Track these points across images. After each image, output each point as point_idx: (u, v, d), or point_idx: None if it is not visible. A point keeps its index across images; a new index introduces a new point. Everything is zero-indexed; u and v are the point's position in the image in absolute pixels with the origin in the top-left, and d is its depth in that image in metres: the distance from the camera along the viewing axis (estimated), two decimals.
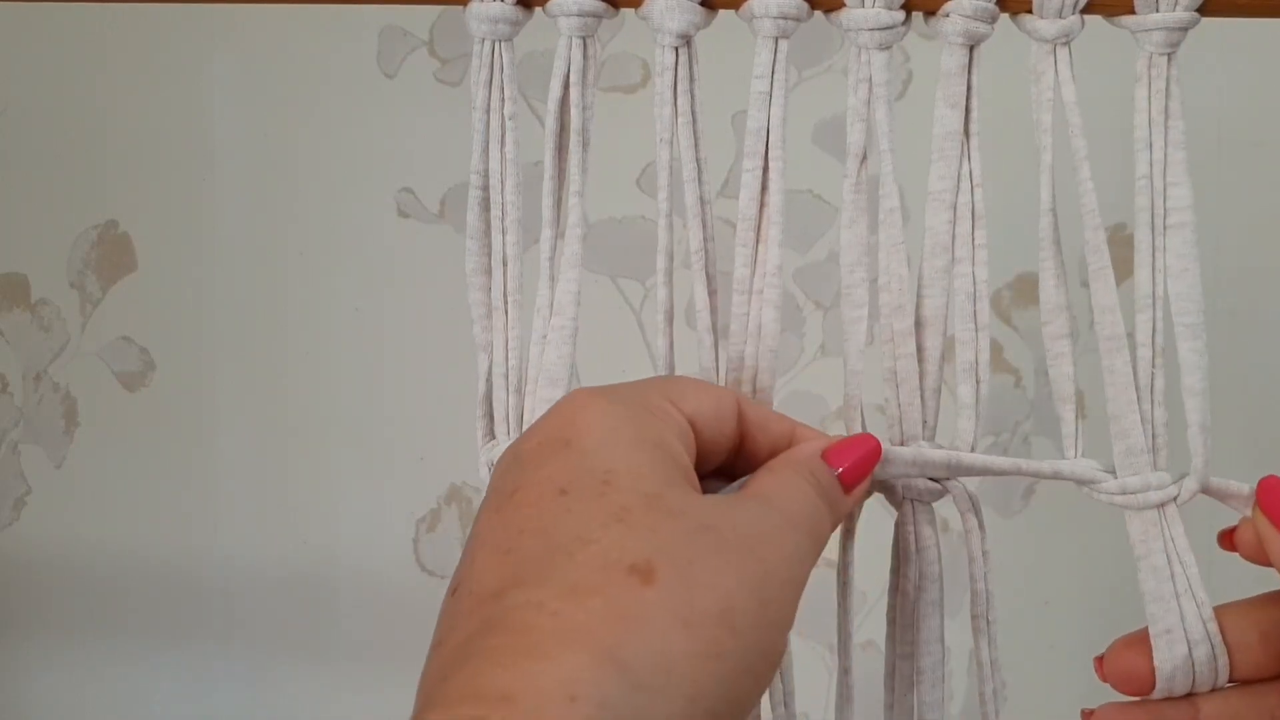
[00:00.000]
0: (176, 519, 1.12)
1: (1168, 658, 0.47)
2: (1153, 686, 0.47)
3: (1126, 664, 0.48)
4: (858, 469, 0.45)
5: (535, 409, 0.51)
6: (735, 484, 0.45)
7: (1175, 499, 0.48)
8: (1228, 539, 0.49)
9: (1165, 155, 0.47)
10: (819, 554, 0.42)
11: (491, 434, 0.54)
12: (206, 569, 1.12)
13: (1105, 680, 0.49)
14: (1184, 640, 0.47)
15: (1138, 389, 0.47)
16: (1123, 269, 0.47)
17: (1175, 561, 0.48)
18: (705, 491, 0.42)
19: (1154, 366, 0.47)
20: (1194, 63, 0.96)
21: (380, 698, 1.10)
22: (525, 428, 0.51)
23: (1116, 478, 0.48)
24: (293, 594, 1.11)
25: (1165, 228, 0.47)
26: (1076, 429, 0.49)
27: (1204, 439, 0.47)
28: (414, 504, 1.09)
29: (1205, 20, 0.47)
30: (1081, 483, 0.49)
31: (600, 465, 0.39)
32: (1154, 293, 0.47)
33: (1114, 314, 0.47)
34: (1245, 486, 0.48)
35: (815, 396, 1.02)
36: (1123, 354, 0.47)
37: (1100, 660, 0.49)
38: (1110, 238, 0.48)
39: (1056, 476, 0.49)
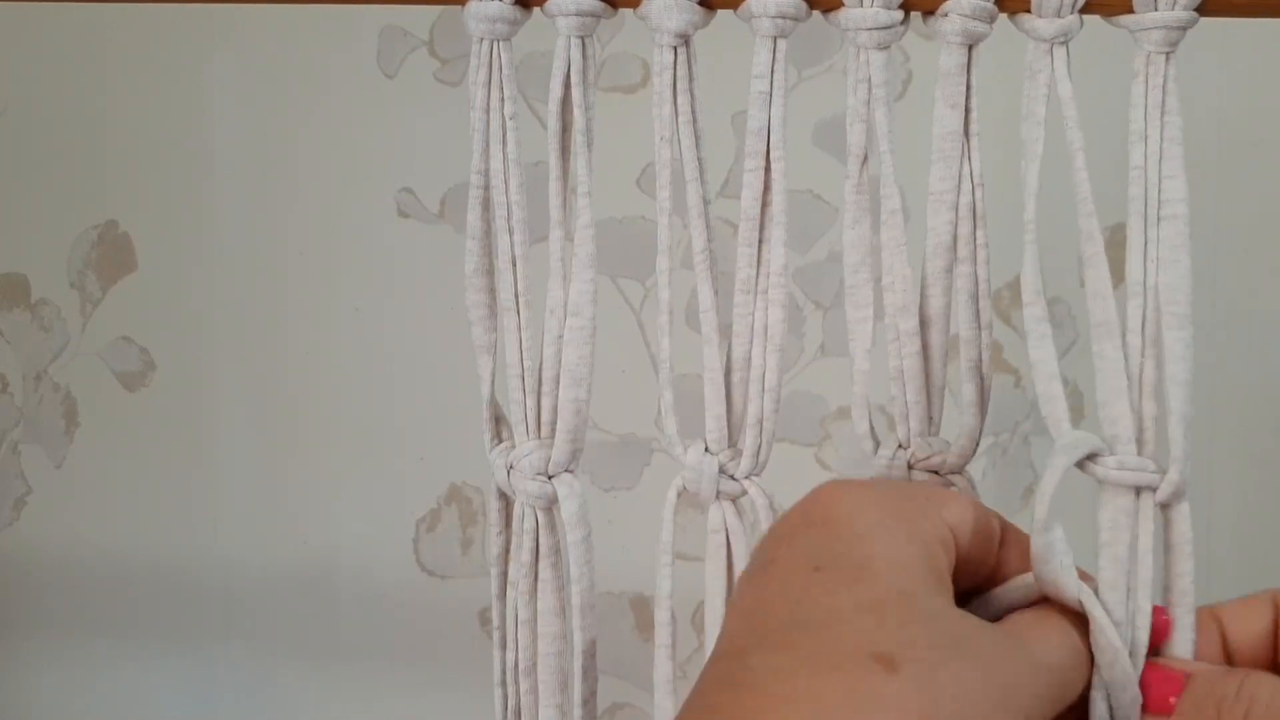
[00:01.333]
0: (176, 519, 1.12)
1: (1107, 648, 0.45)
2: None
3: None
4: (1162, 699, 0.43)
5: (559, 410, 0.51)
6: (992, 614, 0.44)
7: (1155, 488, 0.45)
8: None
9: (1161, 148, 0.47)
10: (1068, 699, 0.41)
11: (499, 437, 0.54)
12: (206, 569, 1.12)
13: None
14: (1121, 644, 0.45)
15: (1128, 376, 0.46)
16: (1122, 268, 0.47)
17: (1135, 559, 0.45)
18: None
19: (1143, 356, 0.47)
20: (1194, 63, 0.96)
21: (380, 697, 1.10)
22: (549, 430, 0.51)
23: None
24: (293, 594, 1.11)
25: (1159, 219, 0.47)
26: (1066, 408, 0.48)
27: (1184, 430, 0.45)
28: (414, 504, 1.09)
29: (1205, 20, 0.47)
30: (1088, 455, 0.46)
31: (859, 551, 0.39)
32: (1145, 281, 0.46)
33: (1106, 299, 0.46)
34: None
35: (815, 396, 1.02)
36: (1113, 339, 0.46)
37: None
38: (1111, 238, 0.48)
39: (1071, 452, 0.47)
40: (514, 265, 0.51)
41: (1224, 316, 0.99)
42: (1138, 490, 0.45)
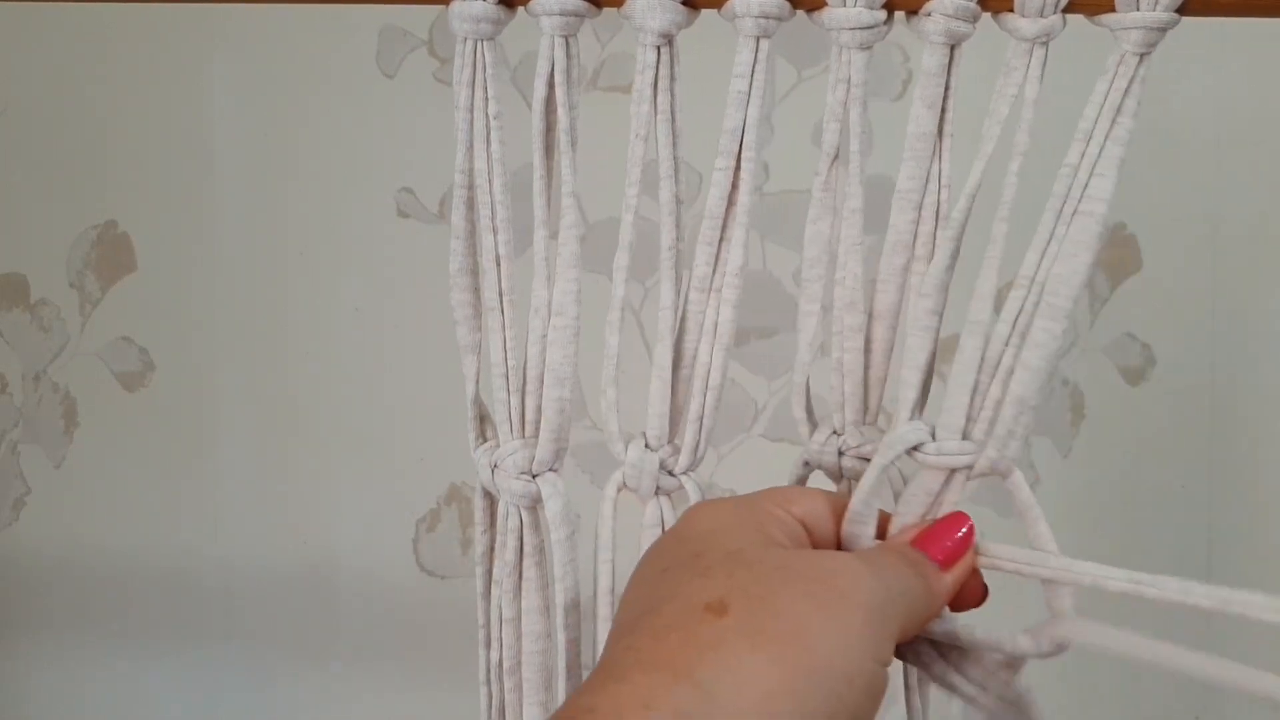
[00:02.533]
0: (176, 519, 1.12)
1: None
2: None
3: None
4: (951, 554, 0.47)
5: (542, 409, 0.51)
6: None
7: (970, 466, 0.48)
8: None
9: (1101, 149, 0.47)
10: (914, 619, 0.44)
11: (484, 436, 0.54)
12: (206, 569, 1.12)
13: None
14: None
15: (981, 364, 0.48)
16: (1123, 268, 0.47)
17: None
18: None
19: (1006, 344, 0.48)
20: (1194, 63, 0.96)
21: (380, 697, 1.10)
22: (532, 429, 0.51)
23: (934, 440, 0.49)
24: (293, 594, 1.11)
25: (1073, 214, 0.47)
26: (920, 397, 0.49)
27: (1017, 412, 0.47)
28: (414, 504, 1.10)
29: (1205, 20, 0.47)
30: (910, 448, 0.49)
31: (697, 545, 0.44)
32: (1034, 275, 0.47)
33: (986, 301, 0.48)
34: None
35: (814, 396, 1.02)
36: (976, 339, 0.48)
37: None
38: (1111, 237, 0.48)
39: (895, 447, 0.49)
40: (498, 264, 0.51)
41: (1224, 316, 0.99)
42: (951, 471, 0.48)
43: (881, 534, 0.49)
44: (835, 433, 0.52)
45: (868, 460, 0.51)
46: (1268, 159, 0.98)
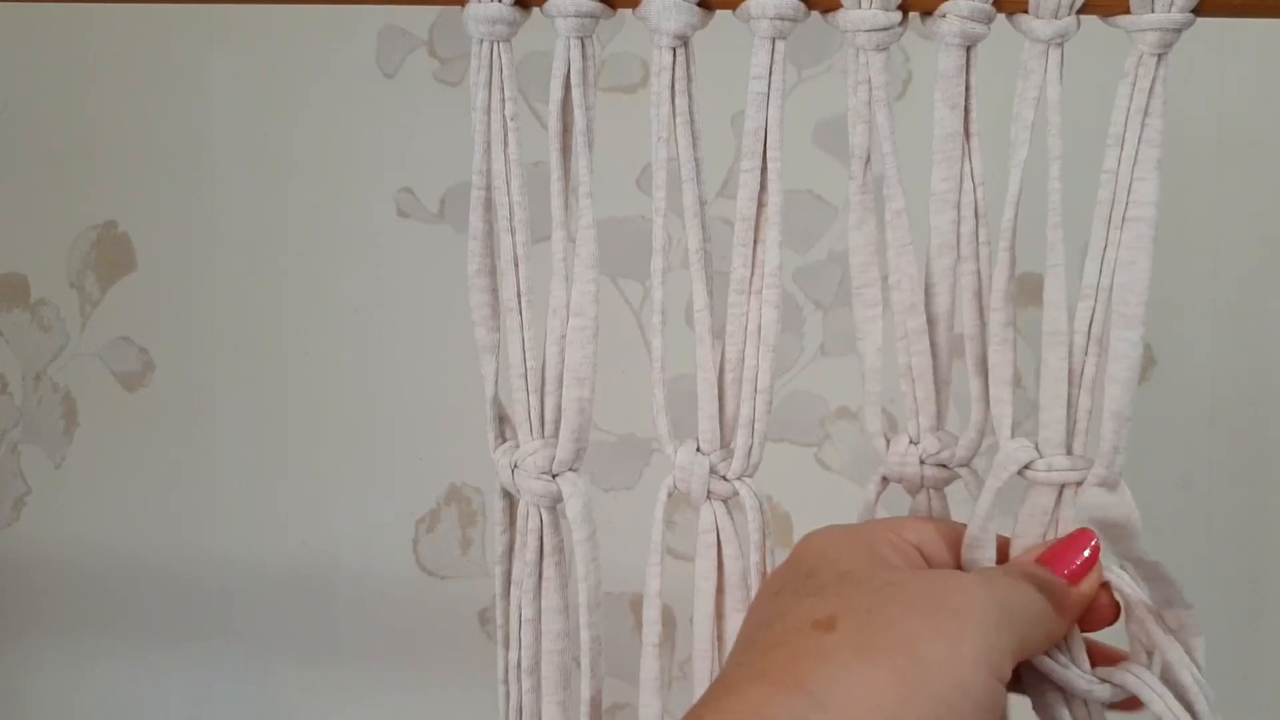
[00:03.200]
0: (176, 519, 1.12)
1: None
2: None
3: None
4: (1081, 570, 0.47)
5: (562, 409, 0.51)
6: None
7: (1080, 482, 0.49)
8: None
9: (1137, 152, 0.47)
10: (1036, 637, 0.44)
11: (503, 437, 0.54)
12: (206, 569, 1.12)
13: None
14: None
15: (1069, 376, 0.48)
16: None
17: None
18: None
19: (1086, 354, 0.48)
20: (1194, 63, 0.96)
21: (380, 697, 1.10)
22: (552, 429, 0.51)
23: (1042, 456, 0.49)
24: (292, 594, 1.11)
25: (1123, 220, 0.48)
26: (1013, 413, 0.50)
27: (1117, 426, 0.48)
28: (414, 504, 1.10)
29: (1205, 20, 0.47)
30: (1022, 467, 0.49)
31: (809, 567, 0.45)
32: (1098, 283, 0.48)
33: (1059, 310, 0.48)
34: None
35: (815, 396, 1.03)
36: (1059, 349, 0.48)
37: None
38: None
39: (1008, 467, 0.49)
40: (516, 266, 0.51)
41: (1224, 316, 0.99)
42: (1061, 487, 0.49)
43: (1003, 558, 0.49)
44: (912, 442, 0.51)
45: (946, 467, 0.51)
46: (1268, 159, 0.98)
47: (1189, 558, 1.02)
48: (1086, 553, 0.47)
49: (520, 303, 0.51)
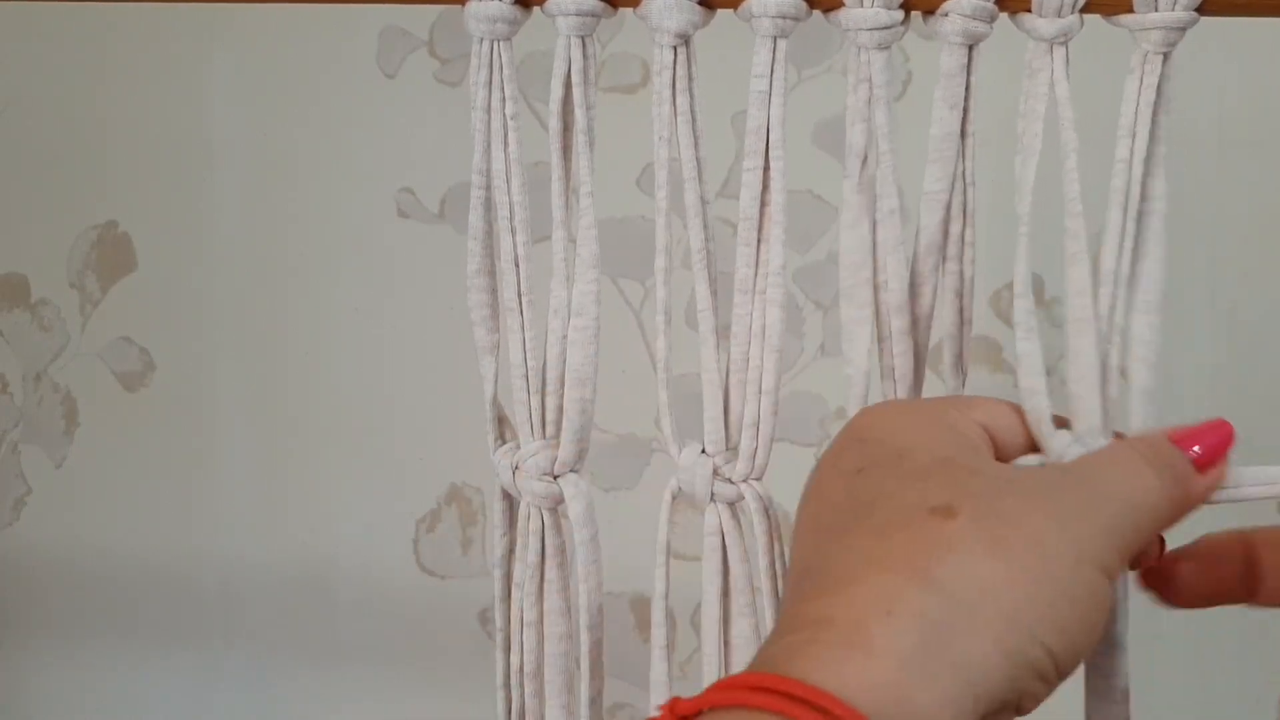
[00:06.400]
0: (176, 519, 1.12)
1: None
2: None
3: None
4: (1212, 452, 0.45)
5: (564, 410, 0.51)
6: None
7: None
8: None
9: (1148, 147, 0.47)
10: (1151, 530, 0.42)
11: (503, 438, 0.54)
12: (206, 569, 1.12)
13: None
14: None
15: (1103, 369, 0.48)
16: None
17: None
18: None
19: (1109, 343, 0.48)
20: (1194, 63, 0.96)
21: (380, 697, 1.10)
22: (553, 430, 0.51)
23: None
24: (293, 594, 1.11)
25: (1139, 213, 0.48)
26: (1048, 403, 0.49)
27: (1143, 401, 0.48)
28: (414, 504, 1.09)
29: (1206, 20, 0.47)
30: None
31: (895, 446, 0.42)
32: (1117, 270, 0.48)
33: (1085, 297, 0.48)
34: None
35: (815, 396, 1.02)
36: (1088, 336, 0.48)
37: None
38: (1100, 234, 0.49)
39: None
40: (516, 265, 0.51)
41: (1223, 315, 0.99)
42: None
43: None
44: None
45: None
46: (1268, 159, 0.98)
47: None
48: (1222, 439, 0.45)
49: (521, 303, 0.51)
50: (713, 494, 0.51)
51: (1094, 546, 0.39)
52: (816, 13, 0.49)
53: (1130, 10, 0.47)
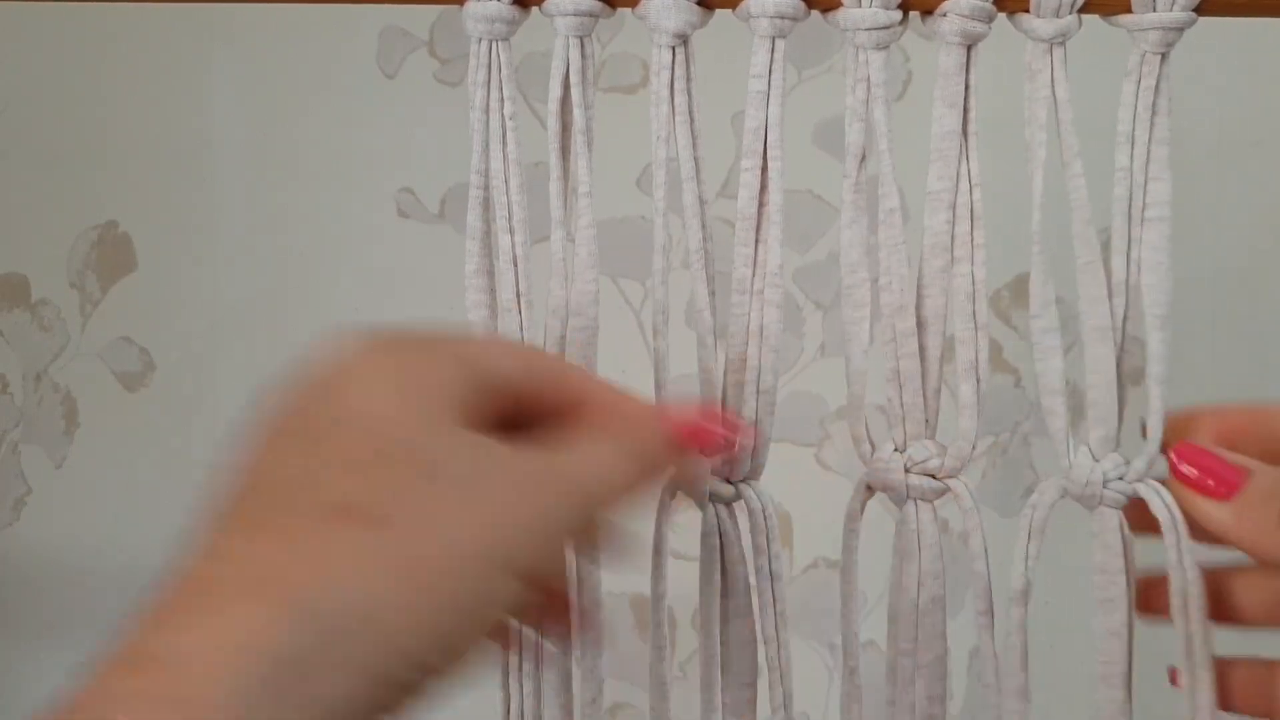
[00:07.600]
0: (176, 519, 1.11)
1: None
2: None
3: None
4: (698, 435, 0.44)
5: None
6: None
7: (1121, 478, 0.49)
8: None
9: (1148, 150, 0.47)
10: (594, 504, 0.40)
11: None
12: None
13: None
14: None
15: (1119, 377, 0.48)
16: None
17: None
18: None
19: (1121, 351, 0.49)
20: (1194, 63, 0.96)
21: None
22: None
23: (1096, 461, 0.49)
24: None
25: (1143, 220, 0.48)
26: (1067, 423, 0.49)
27: (1158, 420, 0.48)
28: None
29: (1204, 20, 0.47)
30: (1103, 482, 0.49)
31: (343, 409, 0.37)
32: (1126, 280, 0.48)
33: (1102, 305, 0.48)
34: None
35: (815, 396, 1.02)
36: (1107, 344, 0.48)
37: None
38: (1109, 241, 0.49)
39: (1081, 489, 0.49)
40: (515, 266, 0.51)
41: (1224, 316, 0.99)
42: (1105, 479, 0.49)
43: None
44: (897, 449, 0.51)
45: (934, 477, 0.50)
46: (1268, 159, 0.98)
47: None
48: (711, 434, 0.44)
49: (519, 303, 0.51)
50: (711, 494, 0.51)
51: (516, 549, 0.36)
52: (815, 13, 0.49)
53: (1128, 10, 0.47)
